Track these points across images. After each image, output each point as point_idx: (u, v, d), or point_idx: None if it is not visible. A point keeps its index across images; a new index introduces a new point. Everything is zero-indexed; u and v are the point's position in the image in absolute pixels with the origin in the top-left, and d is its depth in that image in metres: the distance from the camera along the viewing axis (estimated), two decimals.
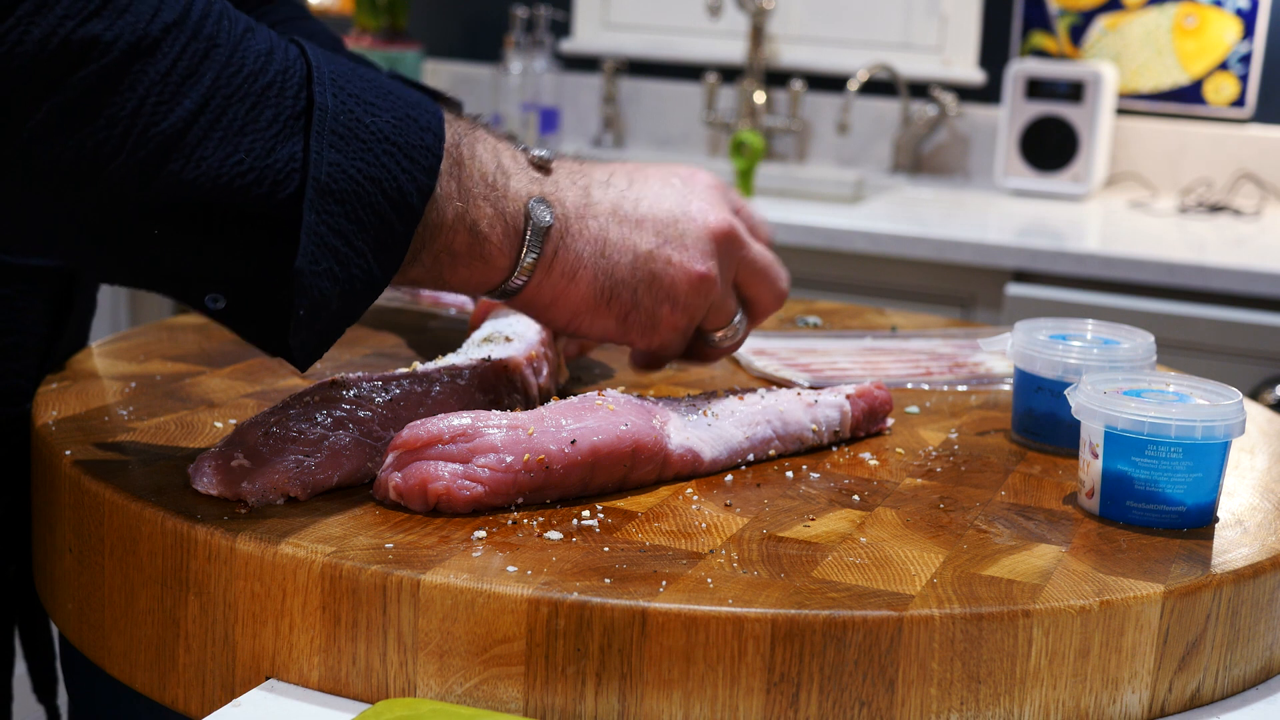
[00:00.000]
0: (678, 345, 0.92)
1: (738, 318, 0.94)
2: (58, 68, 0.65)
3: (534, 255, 0.82)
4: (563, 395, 0.89)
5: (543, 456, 0.80)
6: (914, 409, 1.06)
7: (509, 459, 0.80)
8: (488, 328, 1.02)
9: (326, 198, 0.72)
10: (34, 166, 0.67)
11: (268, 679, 0.75)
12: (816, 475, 0.91)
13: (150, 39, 0.67)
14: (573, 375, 1.08)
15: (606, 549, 0.77)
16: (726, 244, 0.89)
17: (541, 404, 0.88)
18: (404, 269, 0.78)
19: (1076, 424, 0.89)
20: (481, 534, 0.77)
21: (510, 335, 0.98)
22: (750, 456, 0.92)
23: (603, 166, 0.90)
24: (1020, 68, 2.79)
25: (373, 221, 0.74)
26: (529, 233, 0.82)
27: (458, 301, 1.29)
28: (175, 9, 0.69)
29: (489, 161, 0.81)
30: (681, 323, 0.90)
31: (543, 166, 0.85)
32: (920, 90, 3.04)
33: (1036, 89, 2.78)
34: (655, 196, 0.88)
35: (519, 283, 0.83)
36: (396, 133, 0.75)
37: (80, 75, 0.66)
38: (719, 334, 0.94)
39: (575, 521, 0.80)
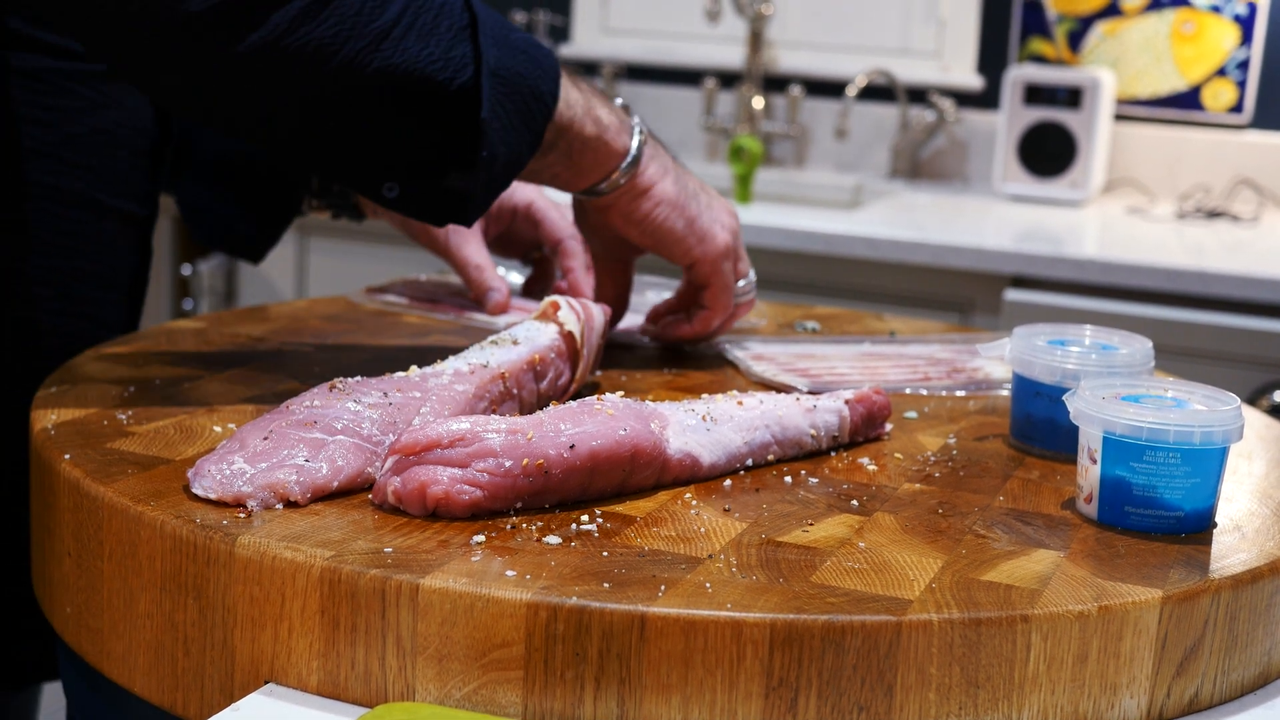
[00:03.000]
0: (727, 273, 1.13)
1: (751, 276, 1.17)
2: None
3: (642, 132, 1.07)
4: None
5: (541, 461, 0.81)
6: (912, 414, 1.06)
7: (508, 463, 0.80)
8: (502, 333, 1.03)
9: (494, 79, 0.94)
10: (282, 52, 0.88)
11: (266, 683, 0.75)
12: (815, 480, 0.91)
13: None
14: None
15: (605, 554, 0.77)
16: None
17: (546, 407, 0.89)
18: (544, 153, 1.01)
19: (1075, 429, 0.89)
20: (480, 538, 0.77)
21: (518, 339, 0.98)
22: (749, 461, 0.92)
23: None
24: (1019, 73, 2.79)
25: (519, 106, 0.96)
26: (635, 118, 1.08)
27: (456, 305, 1.29)
28: None
29: (589, 83, 1.07)
30: (726, 241, 1.12)
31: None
32: (919, 96, 3.04)
33: (1035, 95, 2.78)
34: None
35: (635, 153, 1.06)
36: (530, 46, 0.99)
37: None
38: (741, 283, 1.16)
39: (574, 526, 0.80)
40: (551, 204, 1.29)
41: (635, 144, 1.06)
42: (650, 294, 1.34)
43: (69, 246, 1.11)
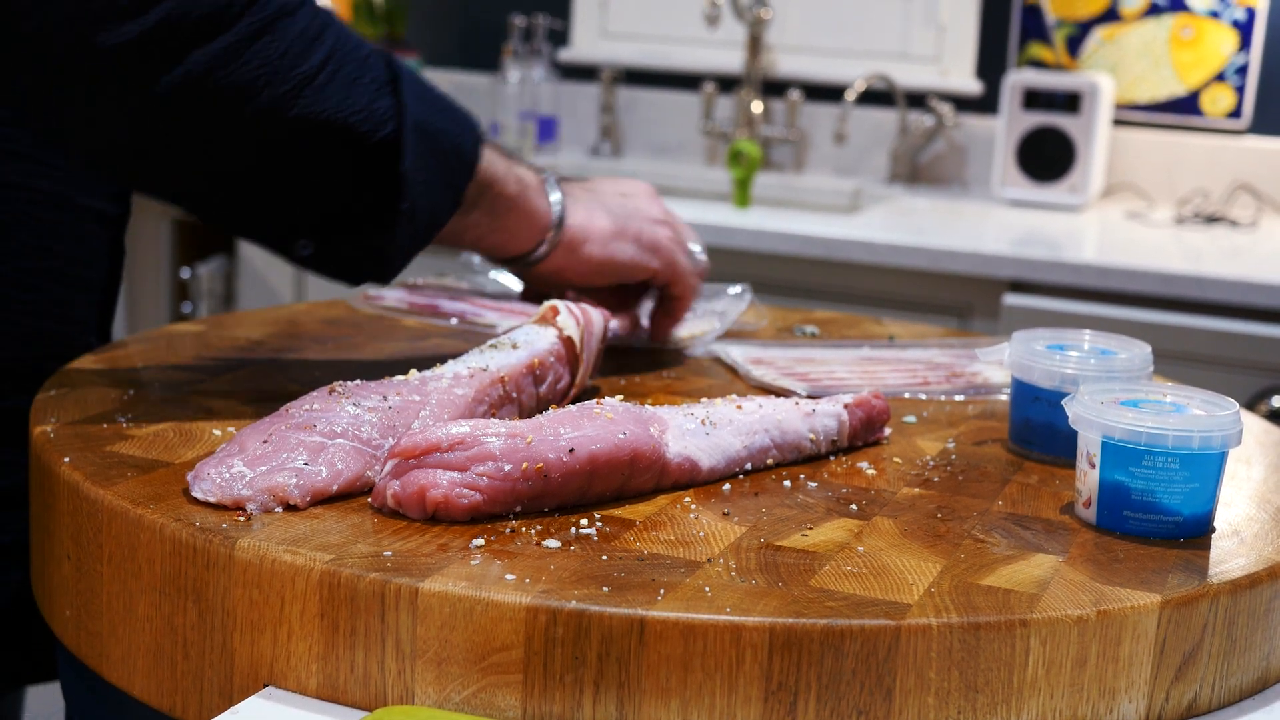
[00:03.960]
0: (685, 264, 1.16)
1: (695, 242, 1.21)
2: (228, 18, 0.86)
3: (558, 195, 1.08)
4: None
5: (541, 465, 0.81)
6: (911, 418, 1.06)
7: (507, 467, 0.80)
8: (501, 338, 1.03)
9: (416, 133, 0.93)
10: (202, 93, 0.85)
11: (266, 686, 0.75)
12: (814, 484, 0.91)
13: (291, 6, 0.89)
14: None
15: (604, 557, 0.77)
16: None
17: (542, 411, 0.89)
18: (466, 211, 1.01)
19: (1073, 434, 0.89)
20: (480, 542, 0.77)
21: (517, 343, 0.98)
22: (748, 465, 0.92)
23: None
24: (1017, 78, 2.80)
25: (440, 161, 0.96)
26: (549, 182, 1.08)
27: (457, 310, 1.29)
28: None
29: (504, 147, 1.07)
30: (669, 236, 1.14)
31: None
32: (917, 100, 3.04)
33: (1034, 99, 2.79)
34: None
35: (560, 205, 1.07)
36: (450, 106, 0.99)
37: (243, 24, 0.86)
38: (697, 250, 1.20)
39: (573, 530, 0.80)
40: None
41: (556, 197, 1.07)
42: (647, 302, 1.35)
43: (44, 248, 1.10)
